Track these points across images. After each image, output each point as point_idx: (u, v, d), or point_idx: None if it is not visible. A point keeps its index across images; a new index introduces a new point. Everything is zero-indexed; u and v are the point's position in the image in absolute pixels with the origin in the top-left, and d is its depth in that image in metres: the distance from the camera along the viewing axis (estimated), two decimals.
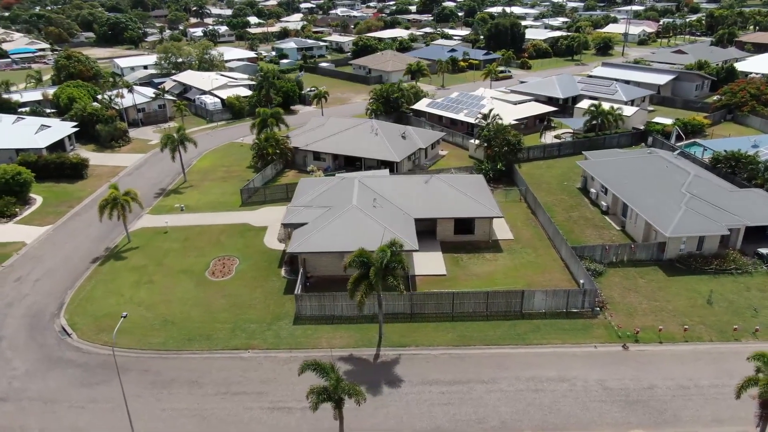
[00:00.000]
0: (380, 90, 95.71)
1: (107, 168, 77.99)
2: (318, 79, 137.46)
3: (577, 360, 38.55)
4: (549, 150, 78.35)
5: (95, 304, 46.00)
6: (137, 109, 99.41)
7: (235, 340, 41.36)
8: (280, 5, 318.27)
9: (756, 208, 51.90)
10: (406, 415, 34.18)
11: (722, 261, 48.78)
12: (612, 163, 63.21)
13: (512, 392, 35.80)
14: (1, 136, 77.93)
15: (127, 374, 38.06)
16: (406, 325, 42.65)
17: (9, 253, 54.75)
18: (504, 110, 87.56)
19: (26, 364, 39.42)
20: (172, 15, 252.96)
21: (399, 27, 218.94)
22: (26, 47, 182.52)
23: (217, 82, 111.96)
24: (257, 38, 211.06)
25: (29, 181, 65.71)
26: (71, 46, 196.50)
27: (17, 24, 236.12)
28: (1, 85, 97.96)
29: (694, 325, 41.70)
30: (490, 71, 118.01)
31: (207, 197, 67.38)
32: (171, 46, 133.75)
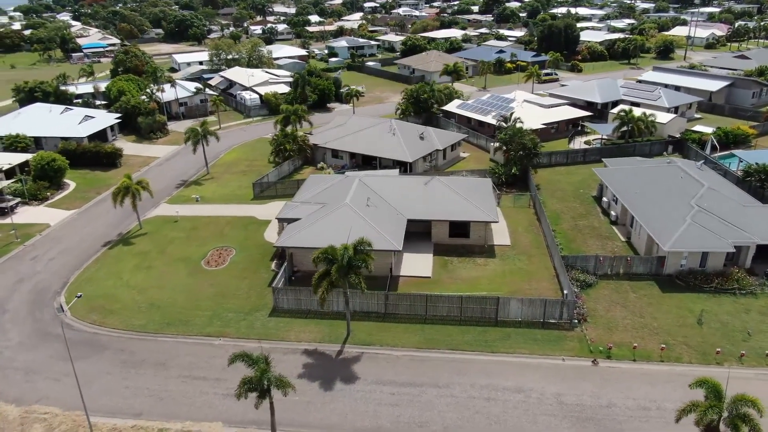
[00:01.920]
0: (411, 90, 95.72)
1: (141, 158, 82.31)
2: (362, 78, 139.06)
3: (539, 371, 37.56)
4: (573, 156, 76.00)
5: (94, 285, 48.96)
6: (179, 103, 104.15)
7: (211, 327, 42.96)
8: (344, 4, 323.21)
9: None
10: (351, 413, 34.51)
11: (724, 279, 45.98)
12: (627, 172, 60.72)
13: (463, 399, 35.37)
14: (49, 125, 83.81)
15: (103, 352, 40.55)
16: (377, 324, 42.89)
17: (33, 233, 59.00)
18: (533, 113, 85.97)
19: (20, 336, 42.57)
20: (237, 13, 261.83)
21: (455, 27, 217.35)
22: (98, 42, 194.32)
23: (258, 78, 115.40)
24: (314, 36, 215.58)
25: (63, 168, 70.41)
26: (140, 42, 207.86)
27: (96, 20, 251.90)
28: (59, 77, 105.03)
29: (676, 345, 39.66)
30: (532, 73, 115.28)
31: (224, 189, 69.91)
32: (221, 43, 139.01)
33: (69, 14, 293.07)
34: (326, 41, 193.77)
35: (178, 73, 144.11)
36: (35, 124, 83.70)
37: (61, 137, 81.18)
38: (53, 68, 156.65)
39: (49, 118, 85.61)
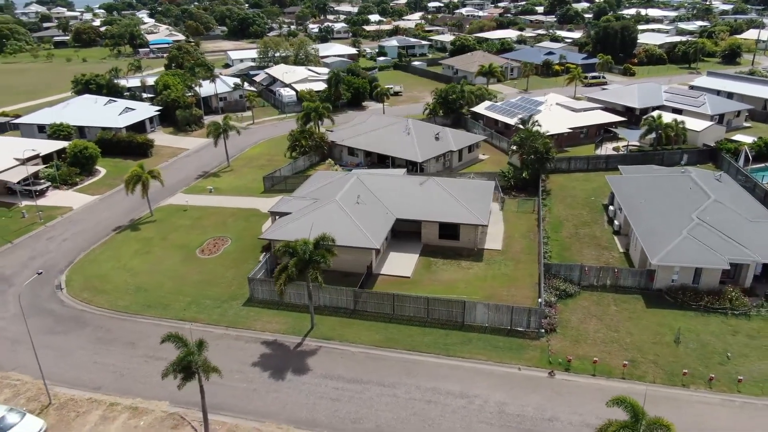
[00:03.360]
0: (440, 90, 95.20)
1: (171, 149, 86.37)
2: (407, 77, 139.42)
3: (491, 379, 36.83)
4: (594, 162, 73.24)
5: (94, 266, 52.13)
6: (219, 98, 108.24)
7: (186, 312, 44.84)
8: (407, 4, 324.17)
9: None
10: (291, 404, 35.19)
11: (716, 298, 43.25)
12: (637, 181, 58.09)
13: (404, 399, 35.26)
14: (92, 115, 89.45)
15: (84, 329, 43.24)
16: (344, 320, 43.34)
17: (56, 215, 63.37)
18: (561, 117, 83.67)
19: (17, 309, 45.88)
20: (300, 12, 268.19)
21: (512, 28, 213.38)
22: (165, 38, 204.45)
23: (298, 75, 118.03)
24: (370, 36, 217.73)
25: (95, 156, 75.05)
26: (205, 39, 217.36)
27: (168, 17, 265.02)
28: (112, 71, 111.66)
29: (644, 363, 37.80)
30: (574, 76, 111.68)
31: (238, 182, 72.33)
32: (270, 41, 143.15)
33: (147, 12, 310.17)
34: (379, 40, 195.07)
35: (230, 68, 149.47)
36: (80, 114, 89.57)
37: (102, 127, 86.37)
38: (120, 62, 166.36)
39: (93, 109, 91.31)
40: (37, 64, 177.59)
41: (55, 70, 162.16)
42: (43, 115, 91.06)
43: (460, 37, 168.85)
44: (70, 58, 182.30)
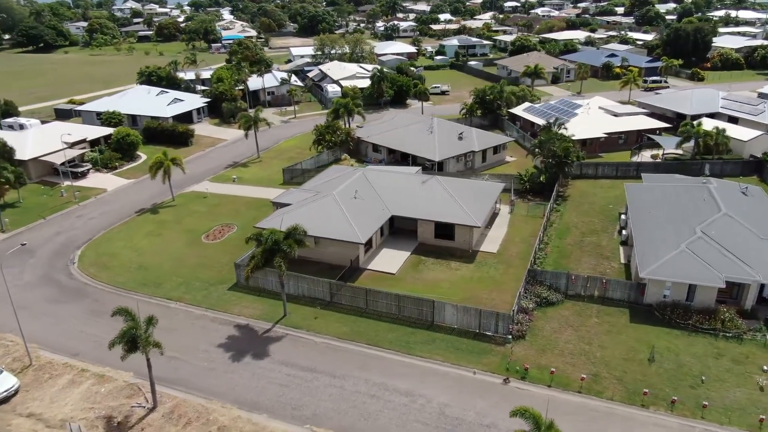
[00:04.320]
0: (478, 91, 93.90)
1: (211, 139, 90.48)
2: (460, 77, 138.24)
3: (443, 380, 36.43)
4: (624, 169, 69.86)
5: (107, 244, 55.88)
6: (267, 92, 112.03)
7: (175, 292, 47.24)
8: (482, 4, 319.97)
9: None
10: (241, 386, 36.42)
11: (706, 318, 40.43)
12: (653, 190, 55.08)
13: (349, 392, 35.60)
14: (144, 105, 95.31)
15: (83, 300, 46.56)
16: (318, 311, 44.12)
17: (90, 196, 68.28)
18: (599, 121, 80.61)
19: (31, 278, 50.23)
20: (371, 10, 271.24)
21: (584, 29, 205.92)
22: (237, 34, 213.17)
23: (347, 72, 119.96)
24: (436, 35, 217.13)
25: (136, 142, 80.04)
26: (276, 35, 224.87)
27: (246, 14, 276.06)
28: (171, 64, 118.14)
29: (607, 379, 36.08)
30: (629, 80, 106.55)
31: (263, 173, 74.79)
32: (326, 38, 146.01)
33: (229, 8, 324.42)
34: (441, 39, 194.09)
35: (289, 64, 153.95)
36: (133, 103, 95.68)
37: (151, 116, 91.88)
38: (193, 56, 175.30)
39: (146, 99, 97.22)
40: (118, 56, 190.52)
41: (132, 62, 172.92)
42: (101, 103, 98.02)
43: (520, 37, 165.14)
44: (149, 51, 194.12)
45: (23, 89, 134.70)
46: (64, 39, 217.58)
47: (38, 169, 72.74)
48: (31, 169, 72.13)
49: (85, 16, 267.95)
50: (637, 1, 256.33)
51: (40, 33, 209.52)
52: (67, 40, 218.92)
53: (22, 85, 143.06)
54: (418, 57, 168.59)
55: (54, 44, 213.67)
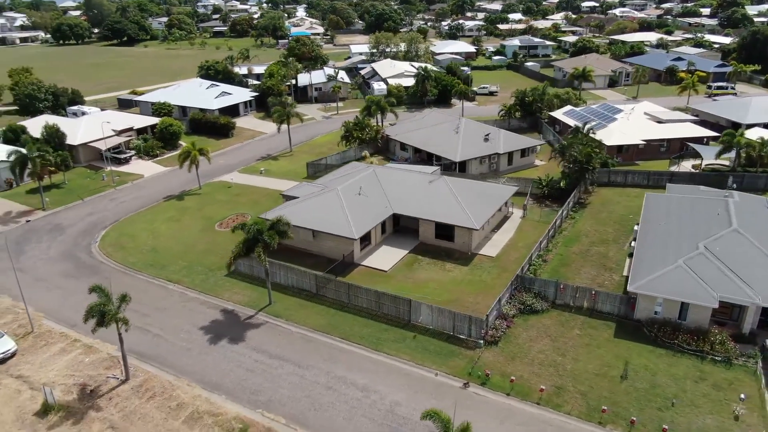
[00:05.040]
0: (518, 92, 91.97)
1: (252, 132, 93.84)
2: (514, 78, 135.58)
3: (402, 379, 36.51)
4: (656, 178, 66.37)
5: (129, 226, 59.55)
6: (315, 88, 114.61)
7: (176, 275, 49.78)
8: (558, 4, 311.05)
9: None
10: (210, 367, 38.06)
11: (694, 338, 38.15)
12: (671, 201, 52.32)
13: (308, 382, 36.41)
14: (193, 97, 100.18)
15: (93, 276, 49.79)
16: (302, 301, 45.31)
17: (127, 180, 72.82)
18: (640, 128, 77.27)
19: (56, 253, 54.42)
20: (440, 9, 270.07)
21: (659, 30, 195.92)
22: (305, 31, 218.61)
23: (396, 70, 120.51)
24: (502, 34, 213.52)
25: (178, 132, 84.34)
26: (342, 32, 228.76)
27: (316, 11, 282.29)
28: (227, 59, 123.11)
29: (571, 393, 34.91)
30: (688, 85, 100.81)
31: (291, 166, 76.87)
32: (381, 36, 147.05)
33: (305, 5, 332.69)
34: (505, 39, 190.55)
35: (345, 61, 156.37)
36: (185, 95, 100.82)
37: (199, 108, 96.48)
38: (260, 51, 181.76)
39: (197, 91, 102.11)
40: (191, 50, 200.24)
41: (202, 56, 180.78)
42: (157, 94, 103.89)
43: (583, 38, 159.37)
44: (219, 46, 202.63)
45: (99, 80, 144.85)
46: (146, 33, 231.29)
47: (87, 153, 78.27)
48: (81, 153, 77.79)
49: (169, 12, 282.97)
50: (724, 2, 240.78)
51: (123, 27, 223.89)
52: (148, 35, 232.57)
53: (99, 75, 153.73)
54: (477, 57, 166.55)
55: (136, 38, 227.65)
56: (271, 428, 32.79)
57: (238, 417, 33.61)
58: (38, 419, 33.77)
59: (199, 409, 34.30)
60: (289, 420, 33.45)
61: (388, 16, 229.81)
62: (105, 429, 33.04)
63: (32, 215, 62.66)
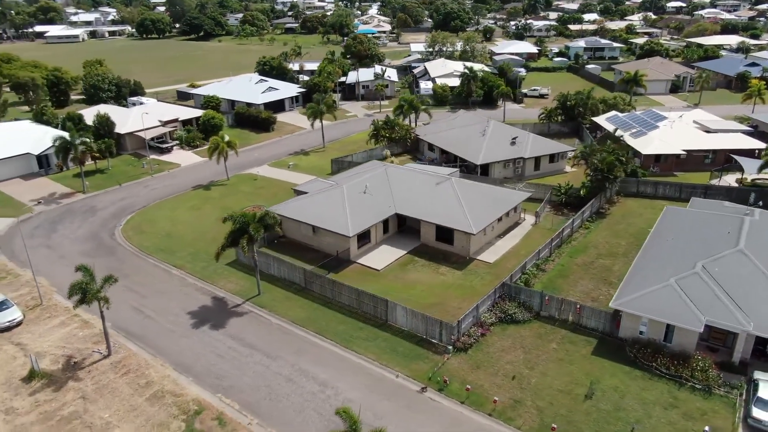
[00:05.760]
0: (560, 96, 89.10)
1: (292, 127, 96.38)
2: (573, 80, 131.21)
3: (362, 377, 36.80)
4: (689, 191, 62.52)
5: (153, 212, 63.05)
6: (362, 86, 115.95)
7: (181, 260, 52.35)
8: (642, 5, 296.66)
9: None
10: (186, 350, 39.87)
11: (674, 362, 35.98)
12: (687, 216, 49.30)
13: (271, 372, 37.39)
14: (242, 91, 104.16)
15: (109, 257, 53.45)
16: (290, 294, 46.50)
17: (164, 169, 76.96)
18: (683, 137, 73.14)
19: (83, 233, 58.54)
20: (512, 9, 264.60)
21: (743, 33, 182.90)
22: (371, 29, 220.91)
23: (445, 70, 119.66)
24: (573, 35, 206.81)
25: (219, 125, 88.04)
26: (409, 31, 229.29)
27: (388, 8, 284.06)
28: (282, 55, 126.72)
29: (526, 408, 33.95)
30: (753, 93, 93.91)
31: (319, 162, 78.41)
32: (437, 35, 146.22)
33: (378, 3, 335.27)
34: (573, 40, 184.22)
35: (402, 59, 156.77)
36: (235, 89, 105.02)
37: (246, 102, 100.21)
38: (324, 48, 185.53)
39: (246, 86, 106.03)
40: (260, 46, 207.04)
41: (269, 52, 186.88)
42: (210, 88, 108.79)
43: (651, 40, 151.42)
44: (287, 42, 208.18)
45: (171, 72, 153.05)
46: (221, 29, 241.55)
47: (133, 142, 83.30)
48: (128, 141, 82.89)
49: (247, 8, 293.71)
50: None
51: (201, 23, 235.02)
52: (223, 30, 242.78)
53: (172, 68, 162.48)
54: (539, 57, 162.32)
55: (212, 33, 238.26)
56: (224, 413, 34.06)
57: (197, 399, 35.14)
58: (23, 384, 36.75)
59: (165, 388, 36.13)
60: (243, 406, 34.60)
61: (455, 15, 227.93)
62: (77, 398, 35.51)
63: (72, 197, 67.58)
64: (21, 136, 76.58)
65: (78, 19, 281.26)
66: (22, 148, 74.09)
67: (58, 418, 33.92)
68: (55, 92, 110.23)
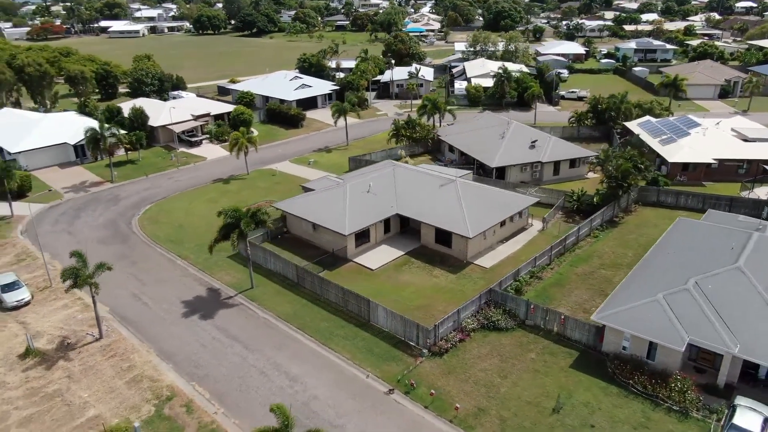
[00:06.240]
0: (592, 99, 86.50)
1: (321, 124, 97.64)
2: (616, 83, 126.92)
3: (332, 375, 37.17)
4: (713, 203, 59.53)
5: (171, 203, 65.47)
6: (397, 85, 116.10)
7: (187, 251, 54.21)
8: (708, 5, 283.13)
9: None
10: (172, 337, 41.31)
11: (652, 381, 34.57)
12: (698, 229, 47.10)
13: (248, 365, 38.20)
14: (277, 88, 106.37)
15: (122, 244, 56.10)
16: (281, 288, 47.41)
17: (190, 162, 79.68)
18: (716, 145, 69.74)
19: (103, 220, 61.44)
20: (567, 8, 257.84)
21: None
22: (419, 27, 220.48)
23: (482, 70, 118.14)
24: (628, 35, 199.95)
25: (249, 120, 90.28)
26: (459, 29, 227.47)
27: (439, 7, 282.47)
28: (320, 52, 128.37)
29: (489, 417, 33.43)
30: None
31: (340, 159, 79.16)
32: (478, 35, 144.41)
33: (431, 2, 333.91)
34: (626, 41, 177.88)
35: (444, 59, 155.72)
36: (270, 86, 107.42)
37: (279, 98, 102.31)
38: (371, 46, 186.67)
39: (281, 82, 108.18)
40: (309, 43, 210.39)
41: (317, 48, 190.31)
42: (246, 84, 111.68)
43: (705, 43, 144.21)
44: (335, 39, 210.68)
45: (219, 68, 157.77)
46: (273, 25, 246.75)
47: (165, 135, 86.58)
48: (160, 134, 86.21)
49: (302, 5, 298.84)
50: None
51: (254, 19, 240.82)
52: (276, 27, 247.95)
53: (221, 64, 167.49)
54: (587, 59, 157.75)
55: (265, 30, 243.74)
56: (193, 400, 35.20)
57: (171, 386, 36.45)
58: (19, 360, 39.12)
59: (144, 373, 37.66)
60: (213, 396, 35.64)
61: (506, 14, 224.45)
62: (63, 377, 37.51)
63: (101, 186, 71.02)
64: (63, 127, 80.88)
65: (141, 15, 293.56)
66: (62, 138, 78.27)
67: (42, 395, 35.95)
68: (104, 85, 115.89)
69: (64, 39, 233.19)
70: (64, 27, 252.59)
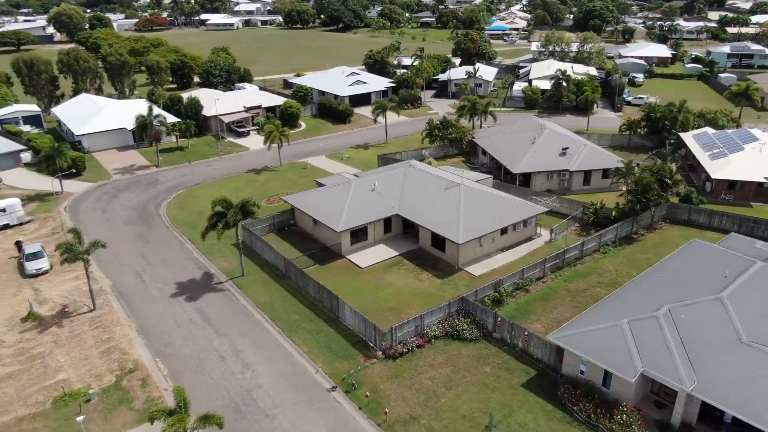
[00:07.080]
0: (646, 107, 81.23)
1: (367, 120, 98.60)
2: (699, 91, 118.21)
3: (284, 366, 38.20)
4: (749, 226, 54.42)
5: (201, 190, 69.18)
6: (454, 84, 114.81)
7: (196, 235, 56.66)
8: None
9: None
10: (155, 315, 44.05)
11: (598, 410, 32.60)
12: (705, 253, 43.40)
13: (210, 348, 40.06)
14: (333, 83, 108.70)
15: (146, 225, 60.40)
16: (269, 279, 49.08)
17: (233, 151, 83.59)
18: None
19: (136, 202, 66.11)
20: (666, 7, 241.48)
21: None
22: (502, 25, 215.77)
23: (548, 72, 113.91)
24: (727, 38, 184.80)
25: (297, 113, 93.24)
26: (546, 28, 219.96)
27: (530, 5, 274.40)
28: (384, 49, 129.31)
29: (417, 425, 33.08)
30: None
31: (372, 156, 79.70)
32: (551, 35, 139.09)
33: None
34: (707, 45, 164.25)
35: (516, 59, 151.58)
36: (326, 81, 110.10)
37: (333, 93, 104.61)
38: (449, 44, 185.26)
39: (339, 78, 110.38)
40: (388, 39, 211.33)
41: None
42: (307, 78, 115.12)
43: None
44: (415, 36, 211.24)
45: (297, 61, 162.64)
46: (359, 21, 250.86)
47: (217, 124, 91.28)
48: (212, 124, 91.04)
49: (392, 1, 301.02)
50: None
51: (340, 15, 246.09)
52: (362, 22, 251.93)
53: (300, 57, 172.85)
54: (672, 62, 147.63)
55: (350, 25, 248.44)
56: (150, 376, 37.56)
57: (136, 360, 39.07)
58: (20, 323, 43.45)
59: (119, 345, 40.61)
60: (170, 373, 37.84)
61: (598, 13, 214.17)
62: (51, 341, 41.29)
63: (146, 170, 76.35)
64: (126, 113, 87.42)
65: (240, 9, 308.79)
66: (122, 123, 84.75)
67: (27, 355, 39.82)
68: (180, 75, 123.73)
69: (167, 31, 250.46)
70: (168, 19, 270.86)
